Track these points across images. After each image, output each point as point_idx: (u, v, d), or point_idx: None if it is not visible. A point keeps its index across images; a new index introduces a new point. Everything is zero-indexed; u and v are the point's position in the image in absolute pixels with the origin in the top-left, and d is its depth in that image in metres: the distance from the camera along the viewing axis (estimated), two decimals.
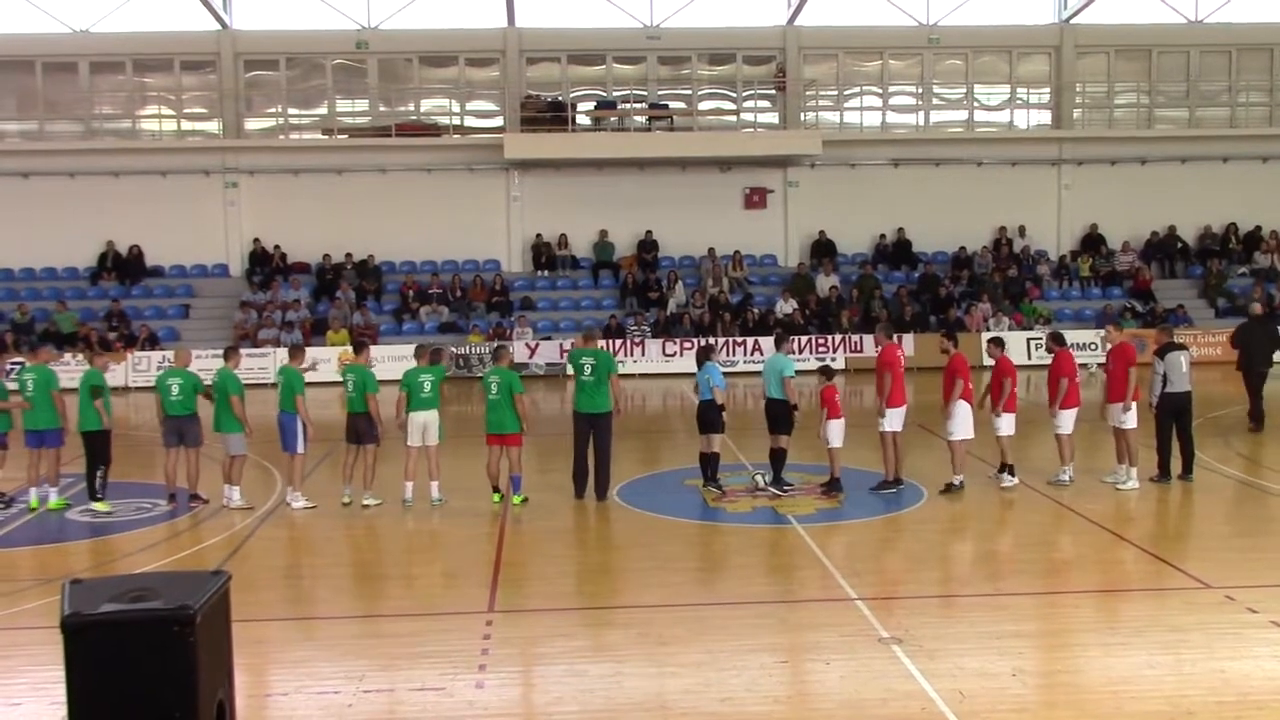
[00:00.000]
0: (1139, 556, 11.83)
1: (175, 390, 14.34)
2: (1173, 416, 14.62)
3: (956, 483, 14.34)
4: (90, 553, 12.78)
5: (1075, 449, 14.92)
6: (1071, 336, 28.75)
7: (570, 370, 14.98)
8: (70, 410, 14.54)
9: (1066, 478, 14.65)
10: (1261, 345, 18.87)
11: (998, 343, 15.06)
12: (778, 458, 14.45)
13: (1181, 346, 14.89)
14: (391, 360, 26.77)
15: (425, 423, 14.13)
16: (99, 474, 14.16)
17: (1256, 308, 21.03)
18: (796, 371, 14.66)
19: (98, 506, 14.06)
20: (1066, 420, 14.61)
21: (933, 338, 27.16)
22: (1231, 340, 19.40)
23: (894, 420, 14.41)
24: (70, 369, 26.29)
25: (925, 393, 18.00)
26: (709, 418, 14.45)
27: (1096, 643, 9.32)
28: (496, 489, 14.22)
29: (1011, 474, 14.52)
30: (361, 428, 14.25)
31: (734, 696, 8.27)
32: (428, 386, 14.13)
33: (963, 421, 14.27)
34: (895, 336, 15.45)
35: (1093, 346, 27.94)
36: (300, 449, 14.08)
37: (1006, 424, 14.41)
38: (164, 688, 4.57)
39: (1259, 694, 8.21)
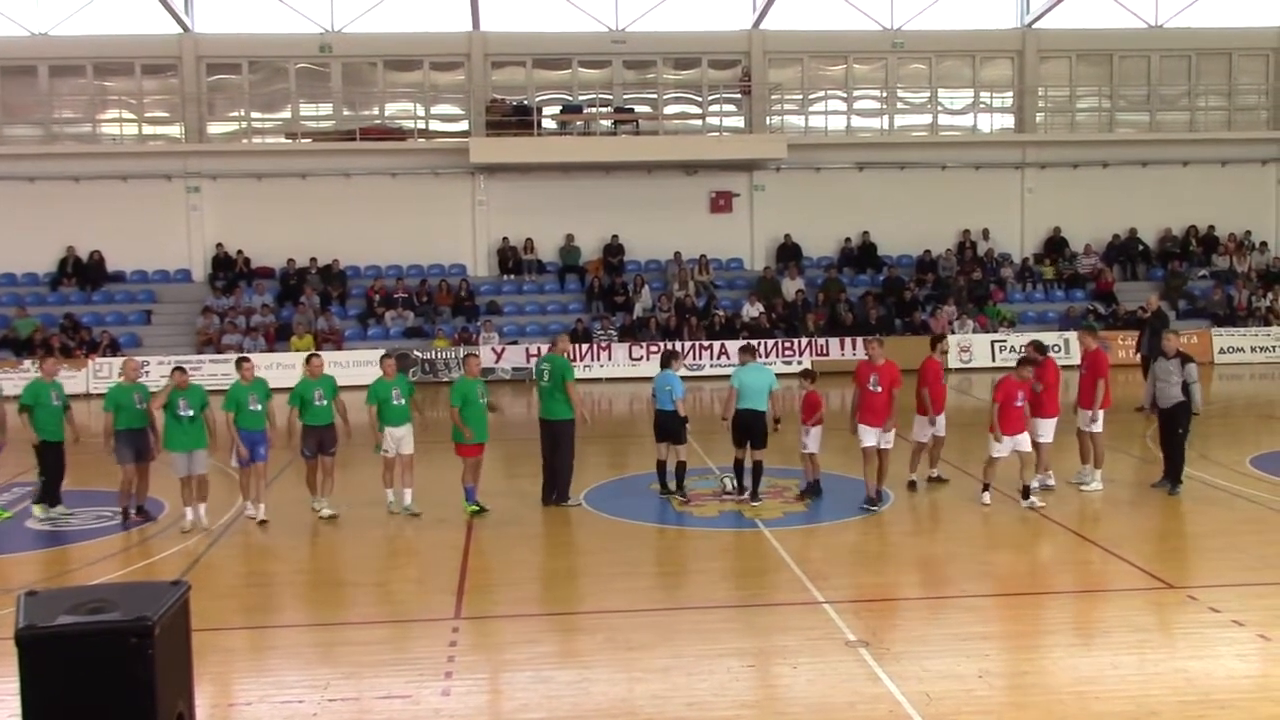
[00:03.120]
0: (1103, 558, 11.90)
1: None
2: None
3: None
4: (50, 562, 12.60)
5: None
6: (1034, 339, 29.18)
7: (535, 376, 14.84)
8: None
9: (1050, 483, 14.62)
10: (1156, 335, 20.43)
11: (1031, 362, 14.32)
12: (760, 471, 14.27)
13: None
14: (357, 365, 26.79)
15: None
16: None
17: (1152, 300, 23.42)
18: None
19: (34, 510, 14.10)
20: (1047, 429, 14.52)
21: (898, 340, 27.56)
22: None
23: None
24: (29, 375, 26.11)
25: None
26: (672, 428, 14.29)
27: (1062, 644, 9.38)
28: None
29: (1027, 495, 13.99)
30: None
31: (701, 701, 8.25)
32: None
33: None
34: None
35: (1056, 348, 28.13)
36: (233, 463, 13.92)
37: (1026, 440, 14.10)
38: (122, 701, 4.49)
39: (1221, 693, 8.28)
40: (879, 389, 13.70)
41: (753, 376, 14.20)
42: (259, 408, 13.71)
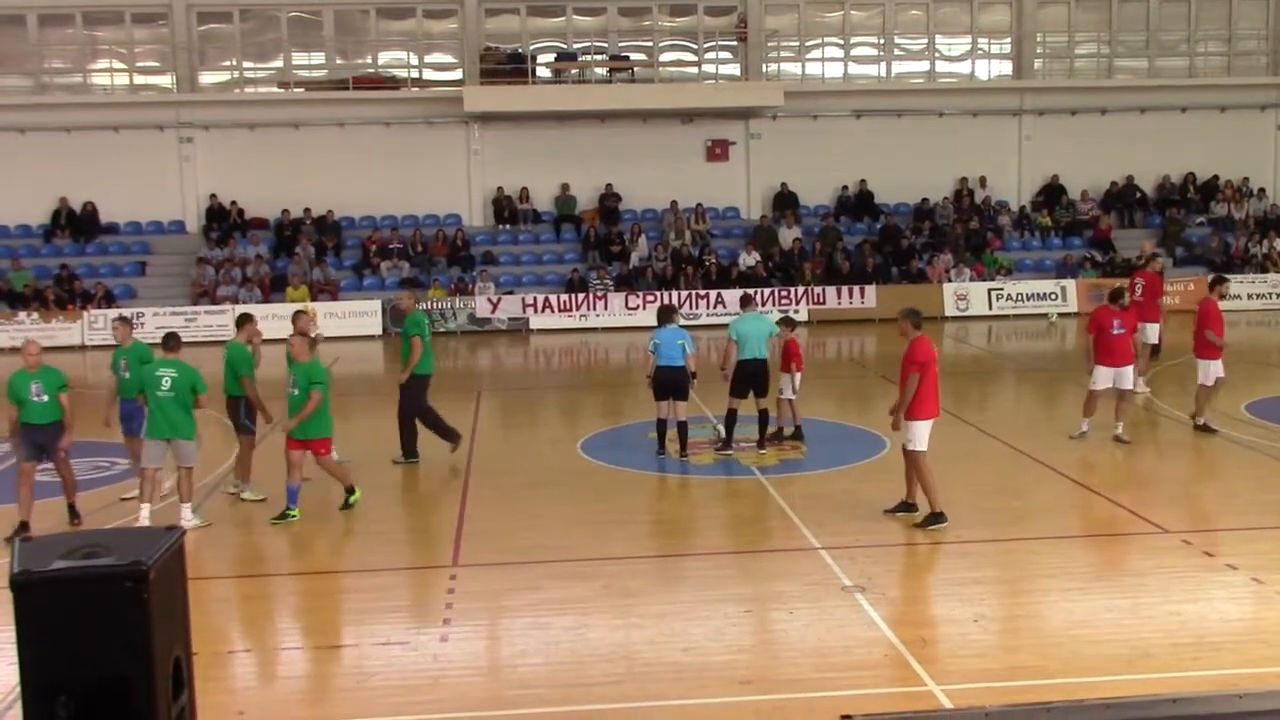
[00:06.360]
0: (1099, 503, 11.95)
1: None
2: None
3: None
4: (50, 512, 12.59)
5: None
6: (1031, 287, 29.24)
7: (413, 332, 13.79)
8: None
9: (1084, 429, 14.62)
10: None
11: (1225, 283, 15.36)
12: (766, 418, 14.27)
13: None
14: (353, 316, 27.11)
15: None
16: None
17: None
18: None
19: None
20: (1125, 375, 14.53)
21: (895, 289, 27.72)
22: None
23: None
24: (25, 328, 26.10)
25: (887, 343, 18.08)
26: (681, 384, 13.83)
27: (1056, 588, 9.42)
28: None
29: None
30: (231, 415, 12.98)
31: (698, 646, 8.29)
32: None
33: None
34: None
35: (1053, 296, 28.20)
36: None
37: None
38: (117, 645, 4.49)
39: (1215, 635, 8.34)
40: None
41: (752, 326, 14.13)
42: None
